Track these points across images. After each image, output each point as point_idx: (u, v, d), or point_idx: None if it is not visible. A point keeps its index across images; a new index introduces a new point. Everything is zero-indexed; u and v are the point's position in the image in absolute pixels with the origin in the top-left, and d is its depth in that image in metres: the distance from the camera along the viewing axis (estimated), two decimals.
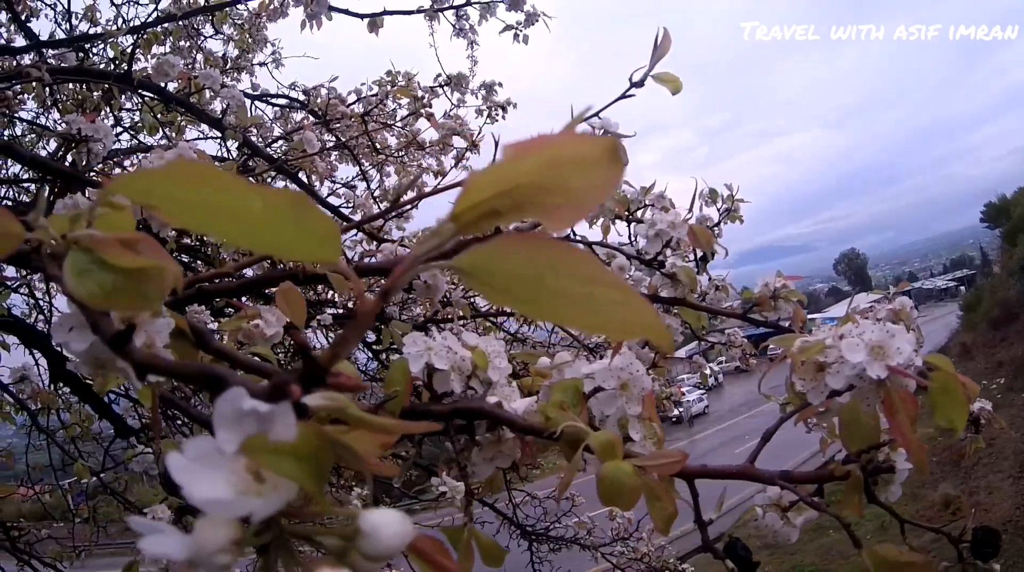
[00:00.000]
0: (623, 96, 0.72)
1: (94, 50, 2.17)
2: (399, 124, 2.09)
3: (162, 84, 1.36)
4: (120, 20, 2.35)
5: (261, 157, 1.38)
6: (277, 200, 0.17)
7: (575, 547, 2.27)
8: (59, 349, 2.36)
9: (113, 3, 2.41)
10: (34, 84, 1.54)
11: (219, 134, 1.45)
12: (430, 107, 1.92)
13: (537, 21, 1.93)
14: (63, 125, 1.38)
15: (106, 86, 1.75)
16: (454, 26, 2.00)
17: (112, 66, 1.89)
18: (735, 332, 1.52)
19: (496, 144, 2.10)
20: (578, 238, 1.01)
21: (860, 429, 0.66)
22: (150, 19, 1.65)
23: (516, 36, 1.95)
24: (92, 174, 1.30)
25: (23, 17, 2.52)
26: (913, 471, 0.63)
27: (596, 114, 0.73)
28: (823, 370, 0.67)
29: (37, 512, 2.87)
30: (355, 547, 0.20)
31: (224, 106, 1.24)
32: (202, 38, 2.33)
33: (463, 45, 2.11)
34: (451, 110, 2.07)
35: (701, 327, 1.05)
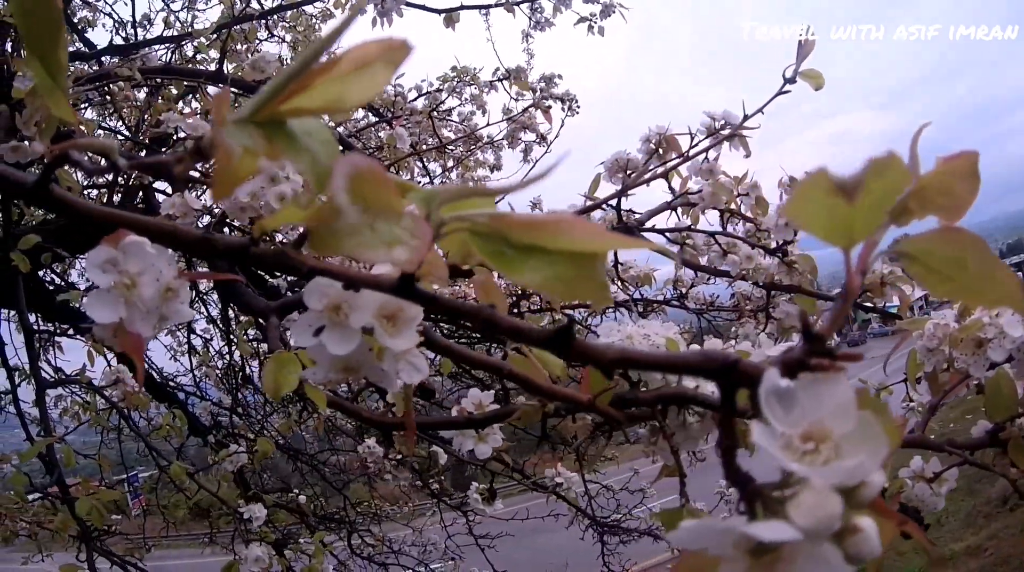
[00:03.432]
0: (780, 92, 0.76)
1: (156, 53, 2.21)
2: (456, 120, 2.12)
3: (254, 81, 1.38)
4: (179, 24, 2.40)
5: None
6: None
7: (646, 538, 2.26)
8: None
9: (169, 8, 2.47)
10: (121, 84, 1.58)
11: None
12: (547, 100, 1.91)
13: (613, 12, 1.91)
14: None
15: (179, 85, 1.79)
16: (529, 18, 1.99)
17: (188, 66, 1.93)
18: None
19: (539, 139, 2.14)
20: (691, 226, 1.03)
21: (1002, 400, 0.72)
22: (228, 18, 1.67)
23: (591, 28, 1.93)
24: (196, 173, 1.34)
25: (80, 28, 2.57)
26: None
27: (760, 110, 0.77)
28: (982, 346, 0.72)
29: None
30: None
31: None
32: (257, 41, 2.36)
33: (517, 39, 2.11)
34: (513, 104, 2.09)
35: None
